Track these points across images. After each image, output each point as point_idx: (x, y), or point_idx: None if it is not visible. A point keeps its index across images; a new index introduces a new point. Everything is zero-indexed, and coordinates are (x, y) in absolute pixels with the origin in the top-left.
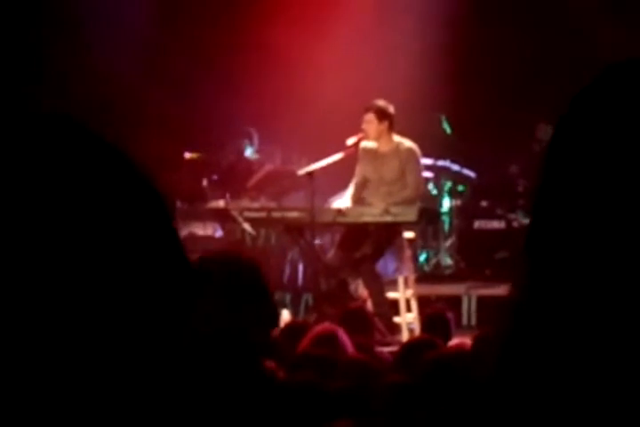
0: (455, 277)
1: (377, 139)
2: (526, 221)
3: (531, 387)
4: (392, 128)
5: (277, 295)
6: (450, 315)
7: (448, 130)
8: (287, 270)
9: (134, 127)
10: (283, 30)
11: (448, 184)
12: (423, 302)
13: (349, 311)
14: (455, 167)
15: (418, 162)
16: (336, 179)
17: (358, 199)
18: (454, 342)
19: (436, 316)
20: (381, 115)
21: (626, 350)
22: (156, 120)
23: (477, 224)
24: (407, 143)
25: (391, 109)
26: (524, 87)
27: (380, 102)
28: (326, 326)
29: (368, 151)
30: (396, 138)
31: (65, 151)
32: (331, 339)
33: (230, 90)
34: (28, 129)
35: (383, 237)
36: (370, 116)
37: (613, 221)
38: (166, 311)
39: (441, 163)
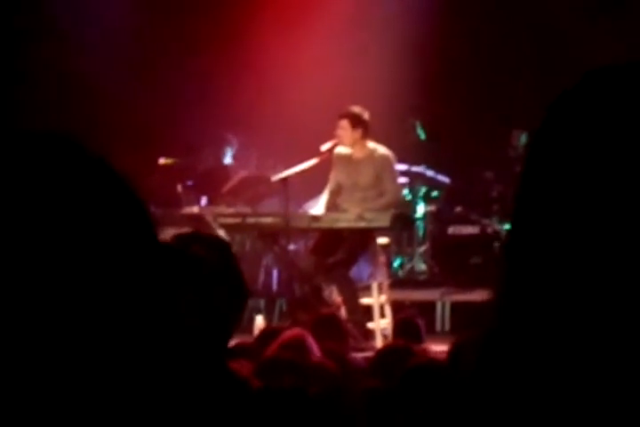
0: (429, 282)
1: (351, 145)
2: (500, 226)
3: (510, 388)
4: (366, 135)
5: (251, 301)
6: (420, 320)
7: (422, 135)
8: (261, 276)
9: (109, 132)
10: (258, 37)
11: (422, 190)
12: (397, 307)
13: (321, 317)
14: (429, 173)
15: (393, 168)
16: (310, 185)
17: (332, 206)
18: (428, 347)
19: (406, 321)
20: (355, 121)
21: (605, 351)
22: (130, 125)
23: (452, 230)
24: (382, 150)
25: (366, 116)
26: (499, 93)
27: (355, 109)
28: (295, 331)
29: (342, 157)
30: (371, 144)
31: (58, 169)
32: (299, 344)
33: (205, 96)
34: (22, 145)
35: (357, 242)
36: (344, 123)
37: (592, 226)
38: (149, 308)
39: (415, 168)
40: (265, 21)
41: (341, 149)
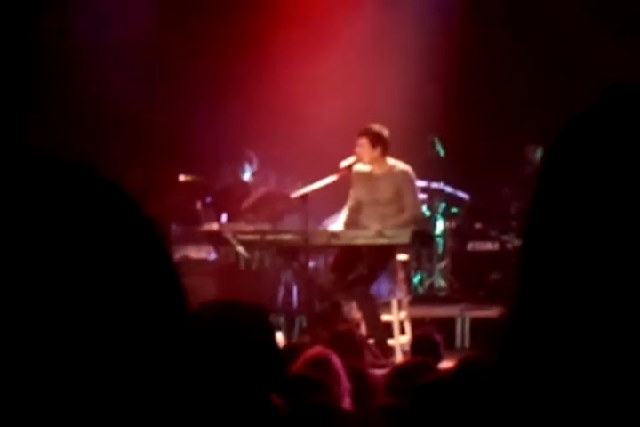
0: (449, 299)
1: (370, 163)
2: (520, 242)
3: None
4: (386, 152)
5: (271, 318)
6: (438, 337)
7: (441, 152)
8: (281, 293)
9: (129, 150)
10: (279, 54)
11: (442, 206)
12: (417, 324)
13: (338, 334)
14: (449, 189)
15: (413, 184)
16: (330, 201)
17: (352, 223)
18: (444, 364)
19: (424, 338)
20: (375, 140)
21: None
22: (150, 142)
23: (471, 246)
24: (401, 166)
25: (385, 134)
26: (518, 108)
27: (375, 127)
28: (319, 349)
29: (361, 174)
30: (390, 161)
31: (74, 200)
32: (324, 362)
33: (225, 112)
34: (36, 173)
35: (377, 259)
36: (363, 141)
37: (609, 240)
38: (162, 338)
39: (435, 185)
40: (285, 38)
41: (361, 166)
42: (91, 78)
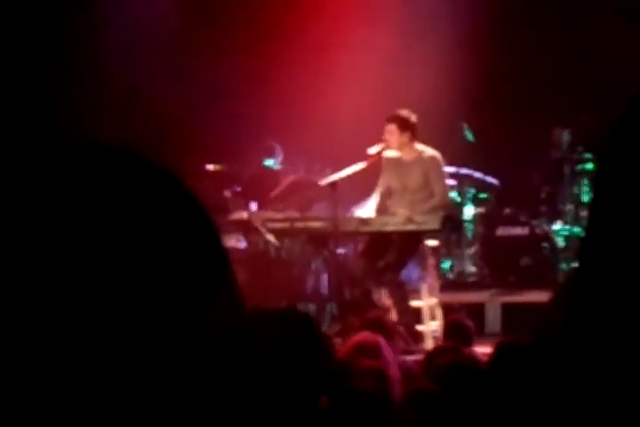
0: (479, 284)
1: (399, 149)
2: (549, 227)
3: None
4: (414, 137)
5: (301, 305)
6: (469, 322)
7: (470, 138)
8: (311, 281)
9: (156, 140)
10: (304, 41)
11: (471, 192)
12: (447, 309)
13: (369, 320)
14: (478, 175)
15: (441, 169)
16: (359, 188)
17: (382, 209)
18: (478, 349)
19: (456, 323)
20: (403, 125)
21: None
22: (177, 132)
23: (501, 231)
24: (430, 151)
25: (414, 119)
26: (545, 92)
27: (403, 112)
28: (367, 335)
29: (391, 161)
30: (419, 146)
31: (125, 185)
32: (373, 348)
33: (254, 100)
34: (90, 160)
35: (406, 245)
36: (391, 127)
37: None
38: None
39: (464, 171)
40: (313, 26)
41: (390, 153)
42: (119, 71)
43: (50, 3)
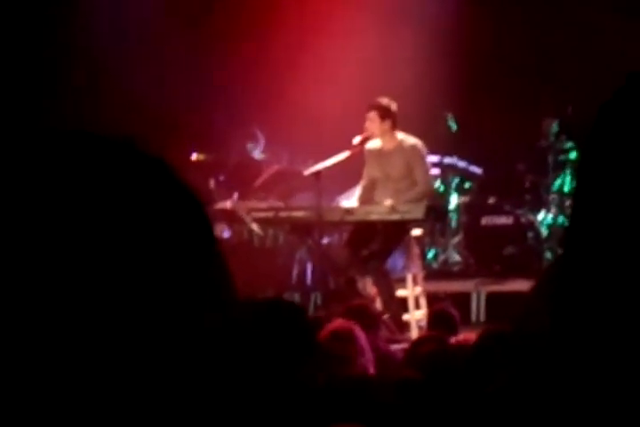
0: (464, 273)
1: (382, 137)
2: (534, 216)
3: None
4: (395, 126)
5: (286, 295)
6: (454, 311)
7: (454, 127)
8: (295, 270)
9: (141, 129)
10: (288, 30)
11: (455, 181)
12: (432, 299)
13: (352, 308)
14: (462, 164)
15: (423, 157)
16: (343, 178)
17: (366, 200)
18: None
19: (441, 312)
20: (384, 113)
21: None
22: (161, 122)
23: (485, 220)
24: (411, 140)
25: (394, 107)
26: (530, 82)
27: (383, 100)
28: (341, 322)
29: (372, 152)
30: (400, 135)
31: (121, 175)
32: (347, 335)
33: (236, 90)
34: (84, 149)
35: (391, 234)
36: (372, 115)
37: None
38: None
39: (448, 160)
40: (295, 15)
41: (371, 144)
42: (102, 59)
43: None
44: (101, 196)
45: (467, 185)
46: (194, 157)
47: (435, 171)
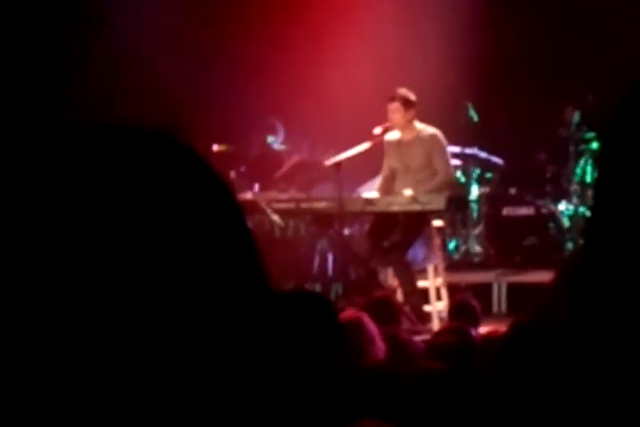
0: (485, 264)
1: (403, 128)
2: (555, 206)
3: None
4: (415, 116)
5: (307, 286)
6: (475, 302)
7: (475, 117)
8: (316, 261)
9: (161, 121)
10: (308, 22)
11: (476, 172)
12: (453, 290)
13: (374, 300)
14: (483, 155)
15: (443, 147)
16: (364, 168)
17: (386, 191)
18: (484, 329)
19: (462, 303)
20: (407, 104)
21: None
22: (182, 114)
23: (506, 211)
24: (430, 130)
25: (414, 97)
26: (550, 72)
27: (404, 91)
28: (351, 312)
29: (392, 143)
30: (419, 125)
31: (156, 167)
32: (356, 325)
33: (257, 81)
34: (120, 141)
35: (412, 225)
36: (396, 106)
37: None
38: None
39: (468, 150)
40: (314, 5)
41: (390, 135)
42: (121, 47)
43: None
44: (139, 188)
45: (488, 176)
46: (215, 148)
47: (456, 161)
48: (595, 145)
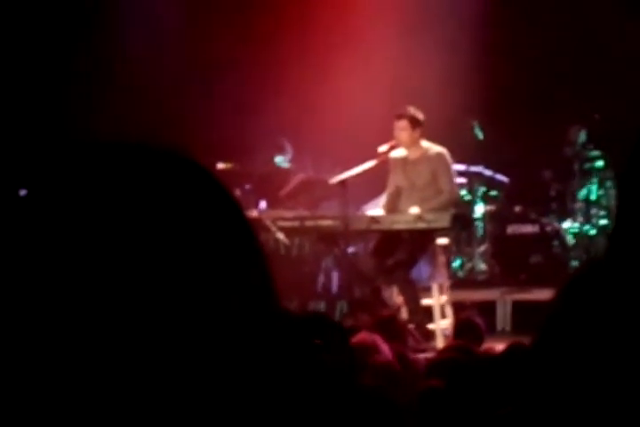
0: (489, 282)
1: (409, 146)
2: (560, 224)
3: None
4: (423, 135)
5: (312, 304)
6: (479, 320)
7: (480, 136)
8: (321, 279)
9: (166, 139)
10: (312, 39)
11: (481, 190)
12: (458, 307)
13: (382, 319)
14: (488, 173)
15: (448, 166)
16: (369, 187)
17: (391, 209)
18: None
19: (466, 321)
20: (415, 122)
21: None
22: (186, 131)
23: (511, 229)
24: (436, 148)
25: (422, 116)
26: (556, 91)
27: (412, 109)
28: (365, 335)
29: (397, 160)
30: (425, 144)
31: (172, 186)
32: (372, 348)
33: (261, 99)
34: (136, 161)
35: (417, 243)
36: (403, 124)
37: None
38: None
39: (474, 168)
40: (320, 23)
41: (396, 153)
42: (128, 69)
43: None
44: (151, 204)
45: (493, 194)
46: (219, 166)
47: (461, 179)
48: (600, 163)
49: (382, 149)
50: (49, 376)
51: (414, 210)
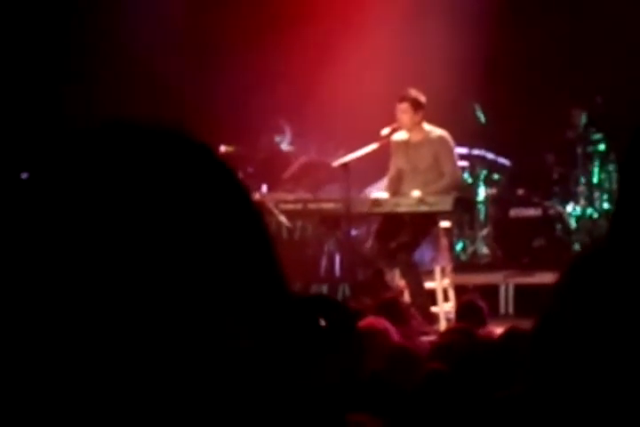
0: (492, 265)
1: (411, 129)
2: (562, 208)
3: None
4: (424, 118)
5: (314, 287)
6: (482, 303)
7: (482, 119)
8: (324, 262)
9: (169, 122)
10: (316, 23)
11: (483, 173)
12: (460, 291)
13: (384, 302)
14: (490, 156)
15: (450, 149)
16: (371, 169)
17: (394, 192)
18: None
19: (469, 304)
20: (417, 105)
21: None
22: (187, 114)
23: (513, 212)
24: (438, 131)
25: (424, 99)
26: (558, 73)
27: (414, 92)
28: (374, 320)
29: (399, 143)
30: (427, 127)
31: (171, 165)
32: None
33: (264, 82)
34: (135, 140)
35: (419, 226)
36: (405, 106)
37: None
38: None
39: (476, 152)
40: (323, 8)
41: (398, 136)
42: (127, 46)
43: None
44: (158, 187)
45: (495, 177)
46: (222, 149)
47: (463, 163)
48: (602, 147)
49: (384, 131)
50: (48, 372)
51: (416, 193)
